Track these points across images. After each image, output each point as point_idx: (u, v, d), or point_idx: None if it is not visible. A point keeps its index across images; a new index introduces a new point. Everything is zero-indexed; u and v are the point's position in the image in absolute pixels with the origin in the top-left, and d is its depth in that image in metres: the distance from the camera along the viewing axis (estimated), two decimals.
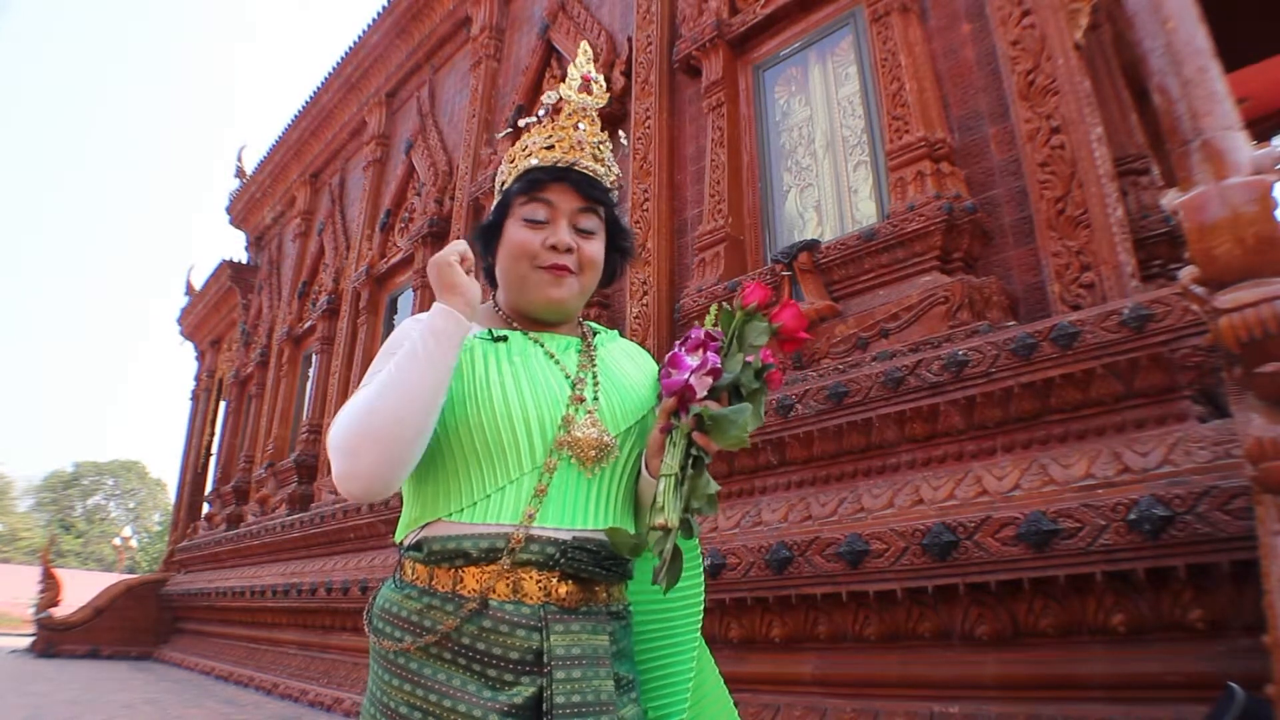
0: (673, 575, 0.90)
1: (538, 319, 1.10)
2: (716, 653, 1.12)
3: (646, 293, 4.20)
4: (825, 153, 3.83)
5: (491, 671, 0.90)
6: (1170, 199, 2.04)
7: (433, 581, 0.94)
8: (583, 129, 1.10)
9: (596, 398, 1.03)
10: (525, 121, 1.14)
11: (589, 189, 1.07)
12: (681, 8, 4.75)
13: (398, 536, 1.04)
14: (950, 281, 2.90)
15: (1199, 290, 1.79)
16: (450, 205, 6.69)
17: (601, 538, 0.96)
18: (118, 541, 30.33)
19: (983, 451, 2.56)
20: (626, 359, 1.13)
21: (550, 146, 1.08)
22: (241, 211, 12.07)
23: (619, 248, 1.15)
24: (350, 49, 8.79)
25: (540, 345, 1.06)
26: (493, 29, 6.91)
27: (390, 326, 7.45)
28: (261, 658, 6.94)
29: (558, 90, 1.12)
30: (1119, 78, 3.37)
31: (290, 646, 6.56)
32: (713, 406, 0.94)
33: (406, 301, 7.23)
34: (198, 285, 12.94)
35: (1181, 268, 1.90)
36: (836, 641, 2.64)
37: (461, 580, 0.93)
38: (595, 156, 1.10)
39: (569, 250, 1.05)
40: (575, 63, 1.16)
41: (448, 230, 6.59)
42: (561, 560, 0.93)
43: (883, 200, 3.45)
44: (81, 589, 14.05)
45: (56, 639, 9.79)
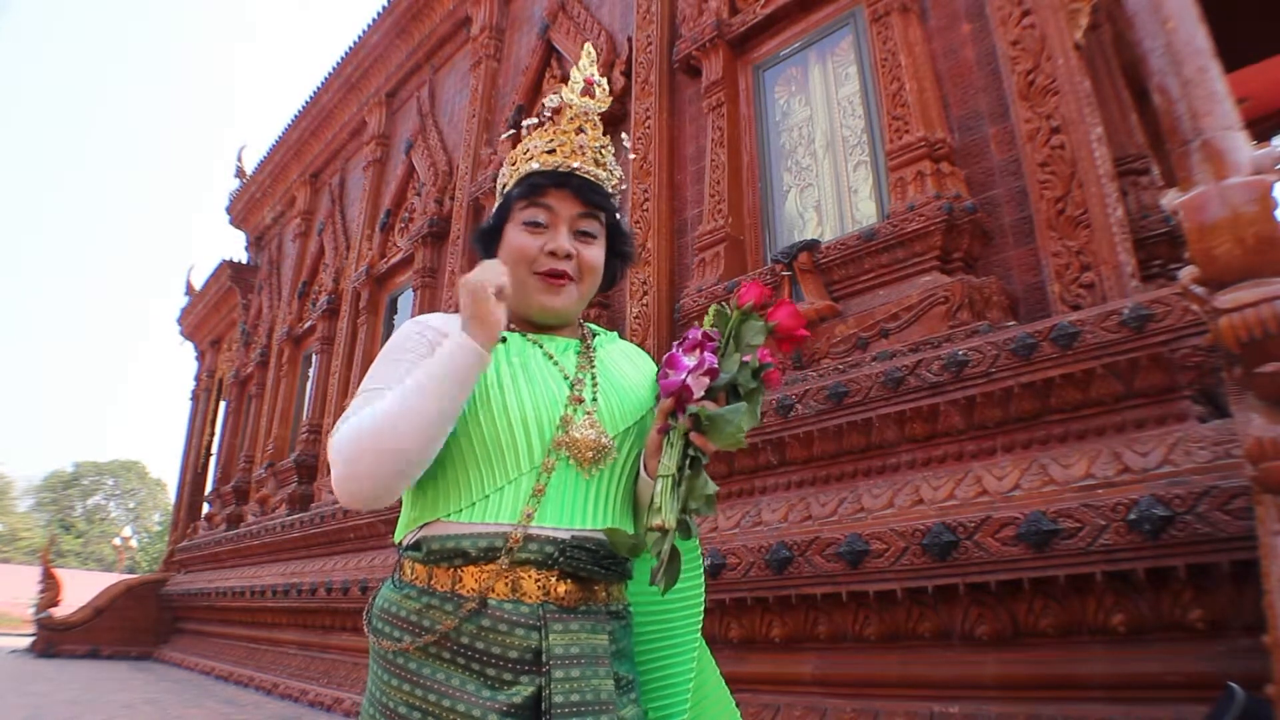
0: (670, 576, 0.90)
1: (536, 323, 1.10)
2: (716, 653, 1.12)
3: (646, 293, 4.20)
4: (825, 153, 3.83)
5: (491, 671, 0.90)
6: (1170, 199, 2.04)
7: (432, 581, 0.94)
8: (585, 133, 1.09)
9: (595, 399, 1.03)
10: (528, 123, 1.13)
11: (590, 194, 1.07)
12: (681, 8, 4.75)
13: (397, 537, 1.04)
14: (950, 281, 2.90)
15: (1199, 290, 1.79)
16: (450, 205, 6.70)
17: (600, 537, 0.96)
18: (118, 541, 30.34)
19: (983, 451, 2.56)
20: (625, 360, 1.13)
21: (552, 151, 1.08)
22: (241, 211, 12.07)
23: (619, 252, 1.15)
24: (350, 49, 8.79)
25: (539, 347, 1.06)
26: (493, 29, 6.91)
27: (390, 326, 7.45)
28: (261, 658, 6.94)
29: (560, 94, 1.11)
30: (1119, 78, 3.37)
31: (290, 646, 6.56)
32: (710, 407, 0.94)
33: (406, 301, 7.22)
34: (198, 285, 12.94)
35: (1181, 268, 1.90)
36: (836, 641, 2.64)
37: (460, 580, 0.93)
38: (597, 161, 1.09)
39: (568, 256, 1.05)
40: (578, 65, 1.15)
41: (448, 230, 6.59)
42: (560, 559, 0.93)
43: (883, 200, 3.45)
44: (81, 589, 14.05)
45: (56, 639, 9.79)
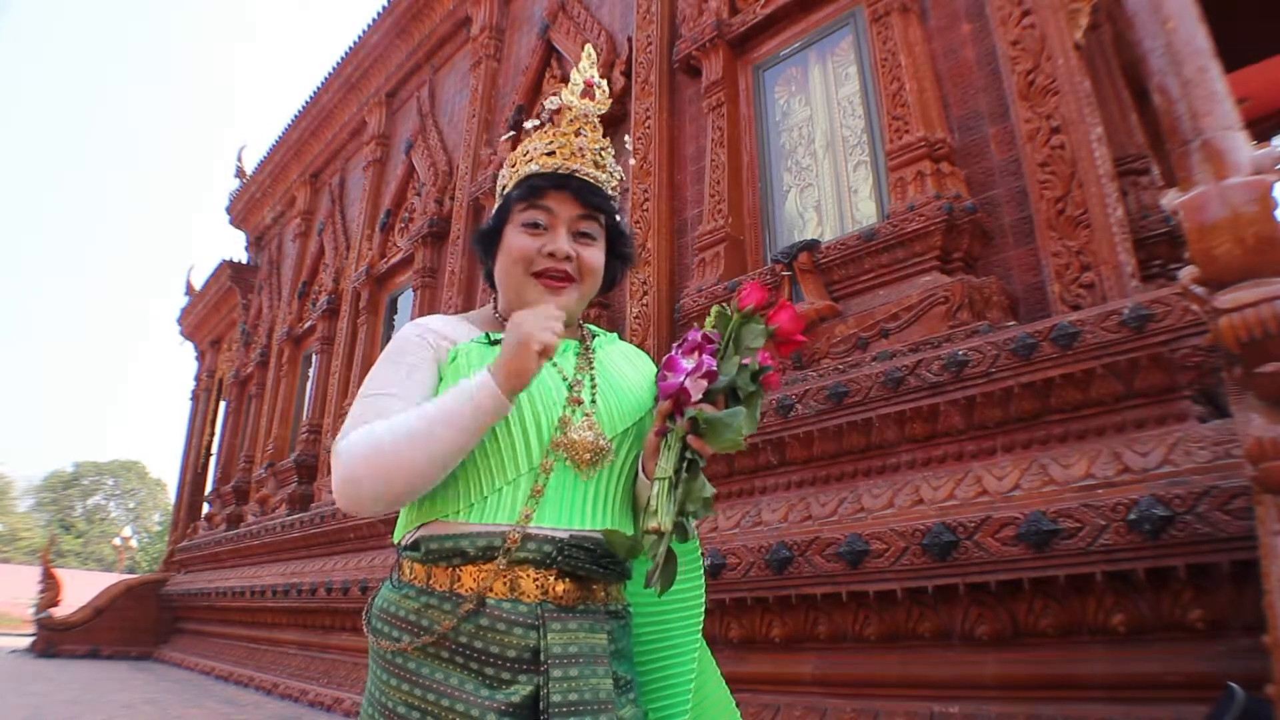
0: (666, 578, 0.90)
1: None
2: (716, 653, 1.12)
3: (646, 293, 4.20)
4: (825, 153, 3.83)
5: (489, 670, 0.90)
6: (1170, 199, 2.04)
7: (430, 581, 0.94)
8: (584, 135, 1.09)
9: (594, 400, 1.03)
10: (528, 125, 1.13)
11: (589, 196, 1.07)
12: (681, 8, 4.75)
13: (395, 537, 1.04)
14: (950, 281, 2.90)
15: (1199, 290, 1.79)
16: (450, 205, 6.70)
17: (599, 536, 0.96)
18: (118, 541, 30.35)
19: (983, 451, 2.56)
20: (625, 361, 1.13)
21: (551, 153, 1.07)
22: (241, 211, 12.07)
23: (619, 254, 1.15)
24: (350, 49, 8.79)
25: None
26: (493, 29, 6.91)
27: (390, 326, 7.44)
28: (261, 658, 6.94)
29: (559, 95, 1.11)
30: (1119, 78, 3.37)
31: (290, 646, 6.56)
32: (707, 409, 0.94)
33: (406, 301, 7.22)
34: (198, 285, 12.94)
35: (1181, 268, 1.90)
36: (836, 641, 2.64)
37: (459, 579, 0.93)
38: (596, 163, 1.09)
39: (568, 258, 1.05)
40: (578, 67, 1.14)
41: (448, 230, 6.60)
42: (558, 558, 0.93)
43: (883, 200, 3.45)
44: (81, 589, 14.05)
45: (56, 639, 9.79)
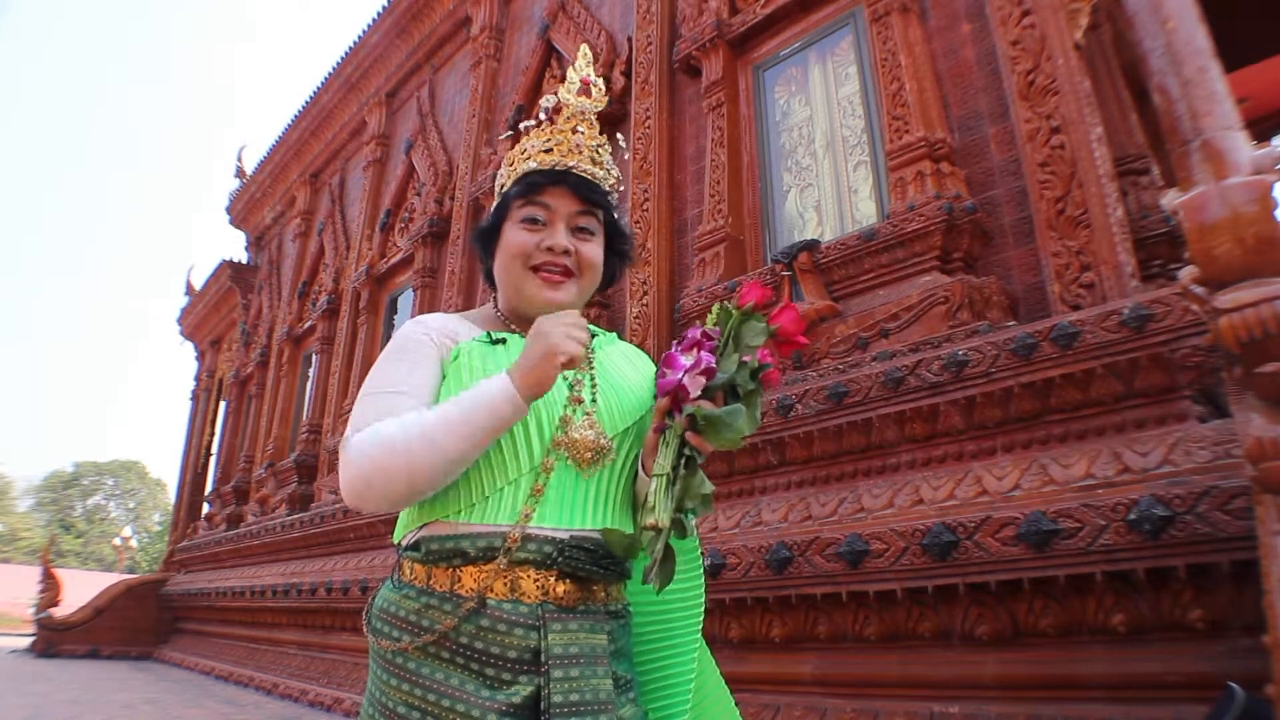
0: (664, 575, 0.90)
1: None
2: (716, 653, 1.12)
3: (646, 293, 4.20)
4: (825, 153, 3.83)
5: (490, 671, 0.90)
6: (1170, 199, 2.04)
7: (431, 581, 0.94)
8: (581, 132, 1.09)
9: (594, 399, 1.03)
10: (525, 125, 1.14)
11: (587, 192, 1.07)
12: (681, 8, 4.75)
13: (396, 537, 1.04)
14: (950, 281, 2.90)
15: (1199, 290, 1.79)
16: (450, 205, 6.70)
17: (599, 537, 0.96)
18: (118, 541, 30.34)
19: (983, 451, 2.56)
20: (625, 361, 1.13)
21: (548, 150, 1.08)
22: (241, 211, 12.07)
23: (618, 251, 1.15)
24: (350, 49, 8.79)
25: None
26: (493, 29, 6.91)
27: (390, 326, 7.44)
28: (261, 658, 6.94)
29: (556, 94, 1.12)
30: (1119, 78, 3.37)
31: (290, 646, 6.56)
32: (706, 406, 0.93)
33: (406, 301, 7.22)
34: (198, 285, 12.94)
35: (1181, 268, 1.90)
36: (836, 641, 2.64)
37: (459, 579, 0.93)
38: (594, 160, 1.10)
39: (566, 253, 1.05)
40: (574, 66, 1.15)
41: (448, 230, 6.60)
42: (559, 559, 0.93)
43: (883, 200, 3.45)
44: (81, 589, 14.05)
45: (56, 639, 9.79)
